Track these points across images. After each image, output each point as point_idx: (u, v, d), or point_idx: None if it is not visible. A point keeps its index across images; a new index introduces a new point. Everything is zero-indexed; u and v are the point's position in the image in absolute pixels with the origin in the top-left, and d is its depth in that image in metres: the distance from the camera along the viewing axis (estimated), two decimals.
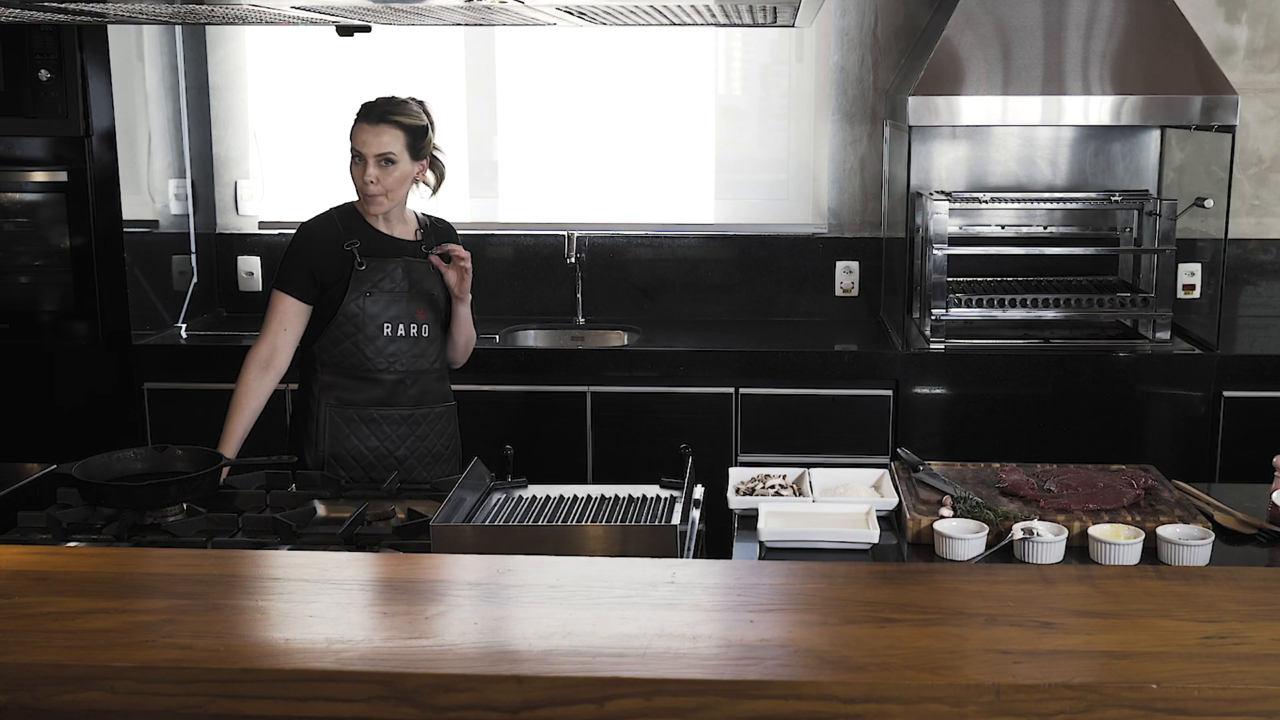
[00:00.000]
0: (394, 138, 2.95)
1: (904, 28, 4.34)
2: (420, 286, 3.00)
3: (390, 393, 2.99)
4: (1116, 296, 4.03)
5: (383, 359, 2.97)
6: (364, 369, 2.97)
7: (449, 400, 3.13)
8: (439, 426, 3.08)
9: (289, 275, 2.99)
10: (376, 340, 2.96)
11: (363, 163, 2.95)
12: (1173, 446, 3.84)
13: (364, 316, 2.95)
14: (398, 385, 3.00)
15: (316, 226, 3.05)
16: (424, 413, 3.04)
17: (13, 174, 3.92)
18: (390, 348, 2.97)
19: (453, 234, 3.17)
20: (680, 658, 1.47)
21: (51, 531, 2.40)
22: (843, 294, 4.49)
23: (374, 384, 2.98)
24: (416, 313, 3.00)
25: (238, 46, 4.50)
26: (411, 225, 3.09)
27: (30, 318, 4.00)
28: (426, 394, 3.05)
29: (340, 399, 2.99)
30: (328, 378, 3.00)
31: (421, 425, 3.03)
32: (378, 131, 2.95)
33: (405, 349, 2.99)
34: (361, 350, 2.96)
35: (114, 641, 1.53)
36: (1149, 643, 1.51)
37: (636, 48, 4.44)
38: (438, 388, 3.09)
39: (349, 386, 2.99)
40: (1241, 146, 4.25)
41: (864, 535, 2.38)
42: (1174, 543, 2.28)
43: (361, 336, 2.96)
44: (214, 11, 2.38)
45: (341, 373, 2.99)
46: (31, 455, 2.94)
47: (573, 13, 2.15)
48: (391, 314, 2.97)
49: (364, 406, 2.98)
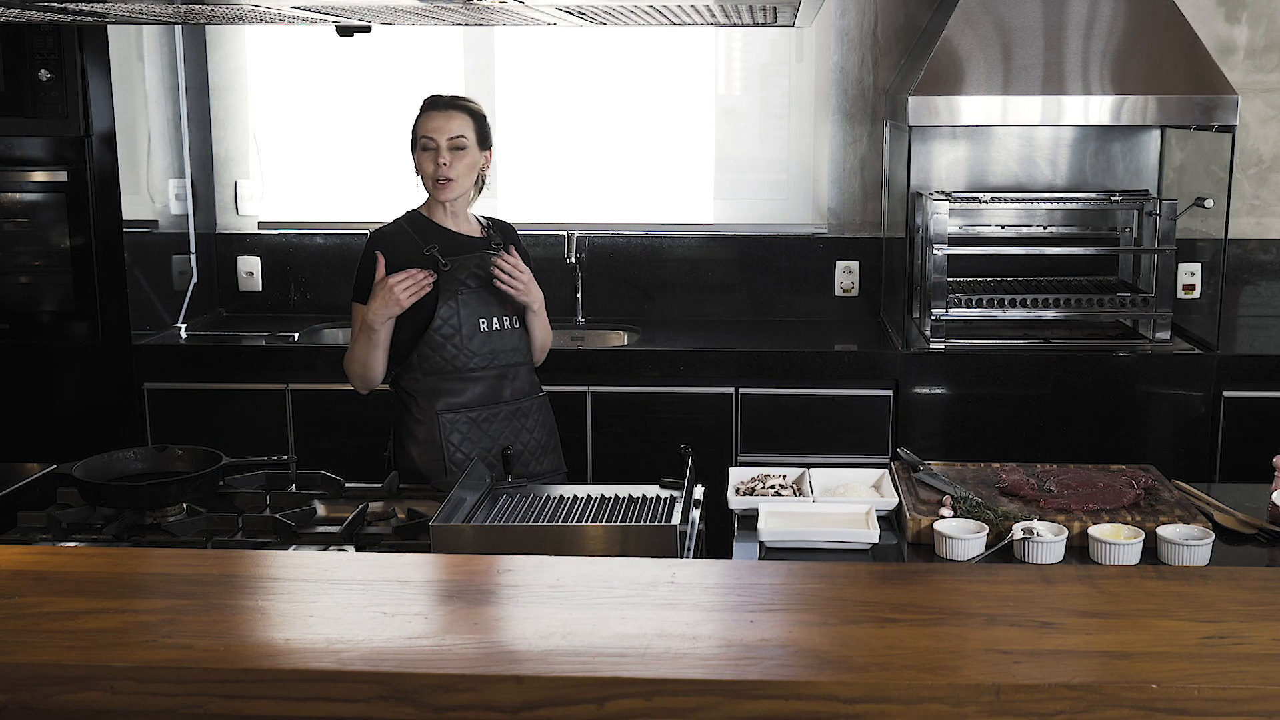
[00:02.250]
0: (464, 123, 2.95)
1: (904, 28, 4.34)
2: (490, 286, 2.97)
3: (493, 390, 2.97)
4: (1116, 296, 4.03)
5: (481, 356, 2.95)
6: (466, 369, 2.94)
7: (540, 391, 3.11)
8: (540, 418, 3.07)
9: (363, 286, 2.96)
10: (474, 339, 2.94)
11: (434, 149, 2.93)
12: (1173, 446, 3.84)
13: (459, 317, 2.93)
14: (499, 381, 2.98)
15: (390, 234, 3.01)
16: (527, 405, 3.03)
17: (13, 174, 3.92)
18: (487, 345, 2.96)
19: (512, 232, 3.14)
20: (680, 658, 1.47)
21: (51, 531, 2.40)
22: (843, 294, 4.49)
23: (476, 382, 2.96)
24: (505, 306, 2.98)
25: (238, 46, 4.50)
26: (475, 224, 3.07)
27: (30, 318, 4.00)
28: (524, 387, 3.04)
29: (448, 404, 2.94)
30: (431, 384, 2.95)
31: (528, 418, 3.02)
32: (449, 116, 2.94)
33: (501, 344, 2.98)
34: (461, 351, 2.93)
35: (114, 641, 1.53)
36: (1149, 643, 1.51)
37: (636, 48, 4.44)
38: (531, 379, 3.08)
39: (453, 389, 2.95)
40: (1241, 146, 4.25)
41: (864, 535, 2.37)
42: (1174, 543, 2.28)
43: (459, 337, 2.93)
44: (214, 11, 2.38)
45: (444, 377, 2.94)
46: (31, 455, 2.94)
47: (573, 13, 2.15)
48: (484, 310, 2.96)
49: (472, 408, 2.95)
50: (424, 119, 2.97)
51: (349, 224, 4.54)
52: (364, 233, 4.46)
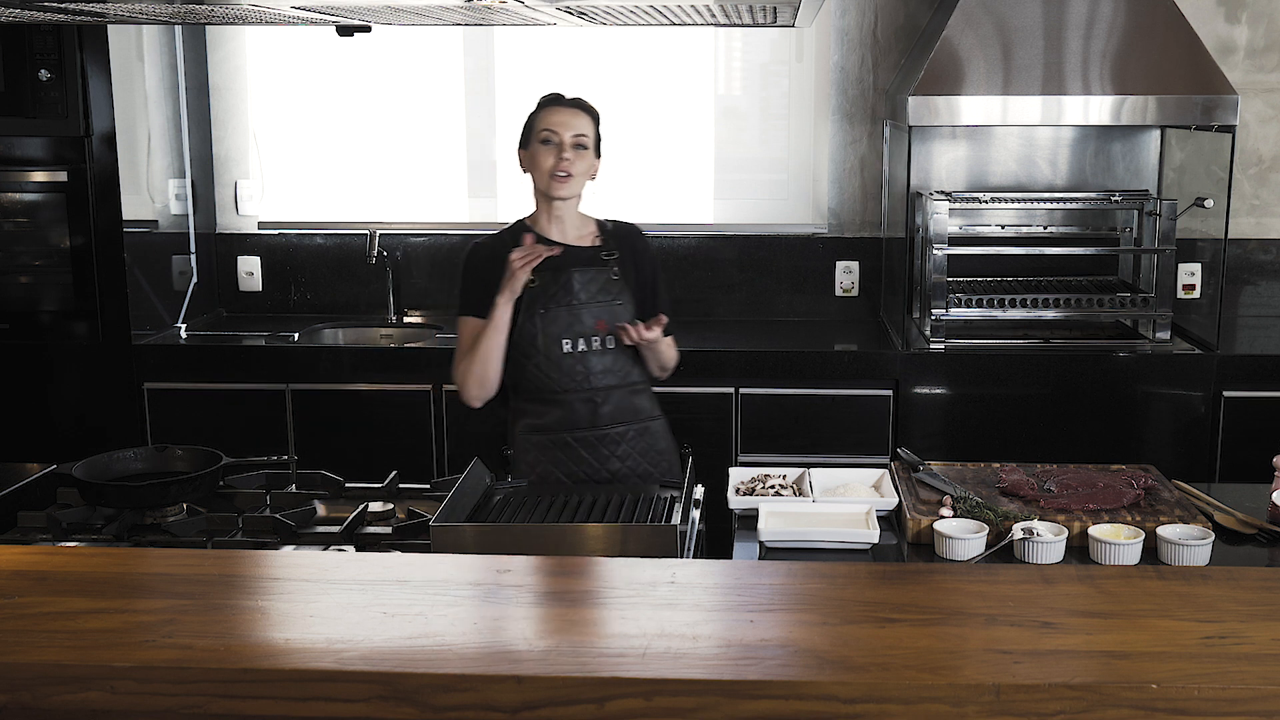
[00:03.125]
0: (587, 124, 2.86)
1: (904, 28, 4.34)
2: (600, 297, 2.84)
3: (579, 413, 2.81)
4: (1116, 296, 4.03)
5: (567, 378, 2.80)
6: (549, 390, 2.81)
7: (653, 415, 2.92)
8: (641, 444, 2.86)
9: (467, 298, 2.86)
10: (559, 359, 2.80)
11: (556, 144, 2.82)
12: (1173, 446, 3.84)
13: (541, 335, 2.79)
14: (586, 405, 2.82)
15: (487, 244, 2.90)
16: (621, 431, 2.84)
17: (13, 174, 3.92)
18: (573, 366, 2.80)
19: (637, 236, 2.97)
20: (680, 658, 1.47)
21: (51, 531, 2.40)
22: (843, 294, 4.49)
23: (560, 405, 2.81)
24: (596, 324, 2.82)
25: (238, 46, 4.50)
26: (589, 231, 2.92)
27: (30, 318, 4.00)
28: (622, 411, 2.85)
29: (530, 425, 2.84)
30: (517, 403, 2.87)
31: (621, 445, 2.84)
32: (574, 114, 2.85)
33: (589, 365, 2.81)
34: (544, 371, 2.80)
35: (114, 641, 1.53)
36: (1149, 643, 1.51)
37: (636, 48, 4.44)
38: (635, 403, 2.88)
39: (536, 411, 2.84)
40: (1241, 146, 4.25)
41: (864, 535, 2.38)
42: (1174, 543, 2.28)
43: (541, 357, 2.80)
44: (214, 11, 2.38)
45: (528, 396, 2.84)
46: (31, 455, 2.94)
47: (573, 13, 2.15)
48: (570, 330, 2.80)
49: (555, 431, 2.81)
50: (546, 114, 2.86)
51: (349, 224, 4.55)
52: (364, 233, 4.48)
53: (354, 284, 4.58)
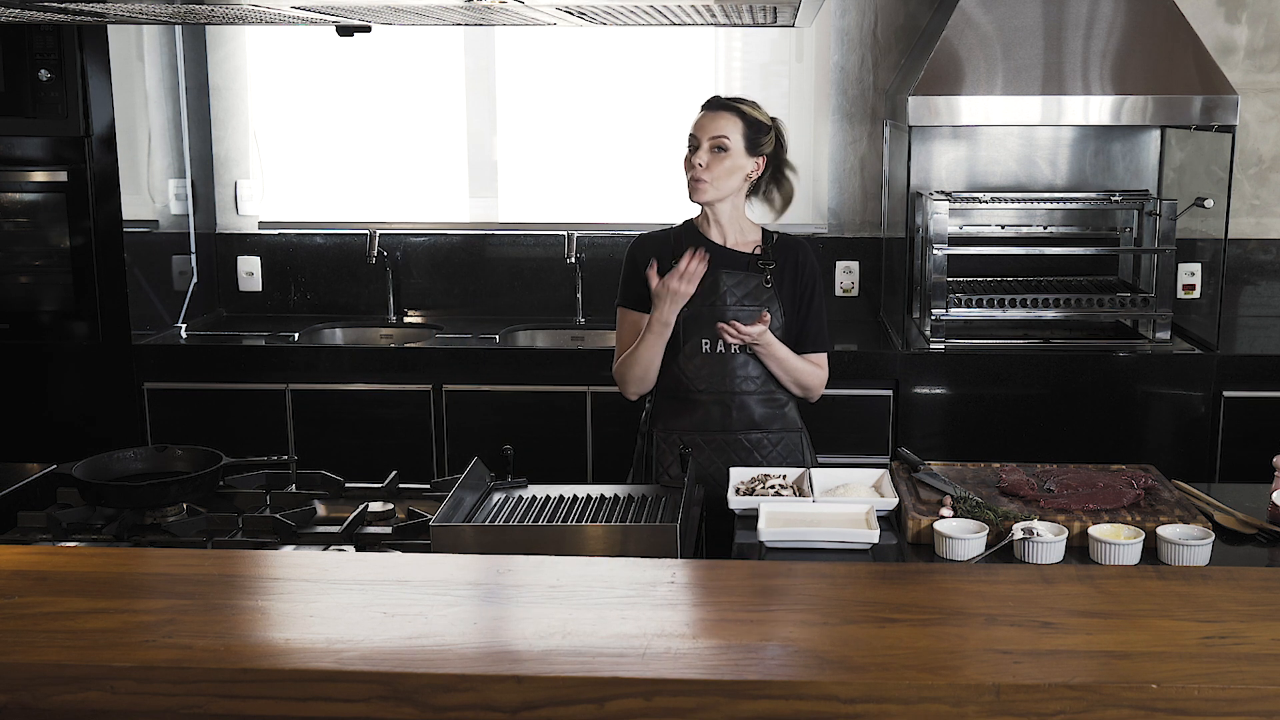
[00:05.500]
0: (731, 124, 2.80)
1: (904, 28, 4.34)
2: (747, 303, 2.82)
3: (709, 415, 2.83)
4: (1116, 296, 4.03)
5: (700, 379, 2.82)
6: (683, 389, 2.83)
7: (791, 428, 2.89)
8: (775, 455, 2.85)
9: (628, 290, 2.88)
10: (694, 358, 2.82)
11: (695, 148, 2.81)
12: (1173, 446, 3.84)
13: (680, 333, 2.80)
14: (716, 407, 2.83)
15: (647, 240, 2.92)
16: (756, 439, 2.84)
17: (13, 174, 3.92)
18: (706, 367, 2.82)
19: (801, 249, 2.92)
20: (680, 658, 1.47)
21: (51, 531, 2.40)
22: (843, 294, 4.49)
23: (693, 405, 2.83)
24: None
25: (238, 46, 4.50)
26: (752, 238, 2.90)
27: (30, 318, 4.00)
28: (753, 419, 2.84)
29: (666, 425, 2.86)
30: (659, 402, 2.88)
31: (754, 453, 2.84)
32: (715, 116, 2.82)
33: (719, 368, 2.82)
34: (681, 369, 2.82)
35: (114, 641, 1.53)
36: (1149, 643, 1.51)
37: (636, 48, 4.44)
38: (774, 412, 2.87)
39: (671, 410, 2.86)
40: (1241, 146, 4.25)
41: (864, 535, 2.37)
42: (1174, 543, 2.28)
43: (681, 355, 2.82)
44: (214, 11, 2.38)
45: (665, 394, 2.86)
46: (31, 455, 2.94)
47: (573, 13, 2.15)
48: (707, 330, 2.80)
49: (686, 431, 2.83)
50: (697, 118, 2.85)
51: (349, 224, 4.55)
52: (364, 233, 4.48)
53: (354, 284, 4.58)
